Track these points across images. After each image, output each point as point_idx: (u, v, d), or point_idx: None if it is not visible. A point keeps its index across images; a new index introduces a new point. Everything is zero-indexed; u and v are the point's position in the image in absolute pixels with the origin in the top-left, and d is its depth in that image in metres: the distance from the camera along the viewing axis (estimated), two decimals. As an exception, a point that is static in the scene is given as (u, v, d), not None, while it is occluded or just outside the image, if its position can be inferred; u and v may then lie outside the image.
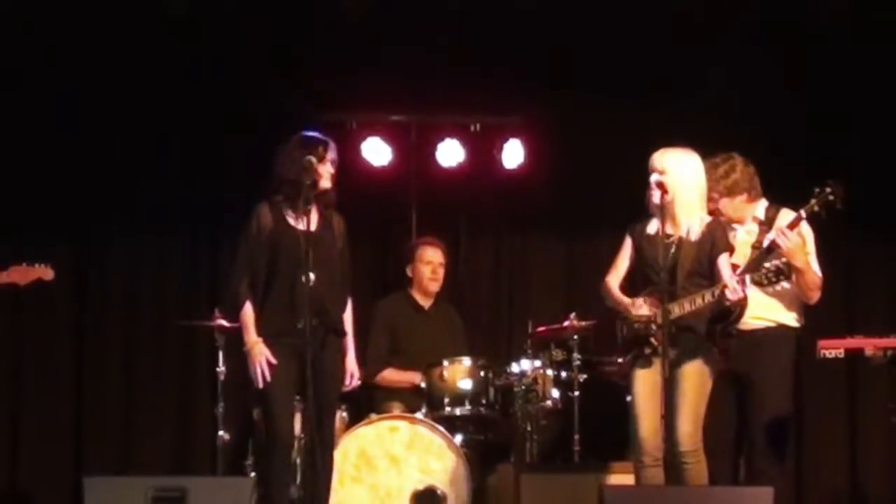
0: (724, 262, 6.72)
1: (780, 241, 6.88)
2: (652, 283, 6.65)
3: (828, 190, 6.91)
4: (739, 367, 7.00)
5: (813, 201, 6.94)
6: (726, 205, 7.08)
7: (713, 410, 6.93)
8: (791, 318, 7.11)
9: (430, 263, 8.26)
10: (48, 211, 8.50)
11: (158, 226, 8.75)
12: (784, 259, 6.71)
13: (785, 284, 6.78)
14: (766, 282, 6.58)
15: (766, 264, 6.64)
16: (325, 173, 6.53)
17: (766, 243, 7.04)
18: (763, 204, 7.20)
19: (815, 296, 7.09)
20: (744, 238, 7.12)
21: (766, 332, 7.03)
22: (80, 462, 8.46)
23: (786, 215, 7.11)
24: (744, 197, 7.11)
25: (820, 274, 7.03)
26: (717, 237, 6.73)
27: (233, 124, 8.60)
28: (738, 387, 7.06)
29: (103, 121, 8.58)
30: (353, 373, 6.67)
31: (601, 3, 8.41)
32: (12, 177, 8.39)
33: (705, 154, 6.92)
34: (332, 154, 6.57)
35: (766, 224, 7.13)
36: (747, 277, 6.57)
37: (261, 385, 6.45)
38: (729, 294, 6.54)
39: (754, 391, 7.04)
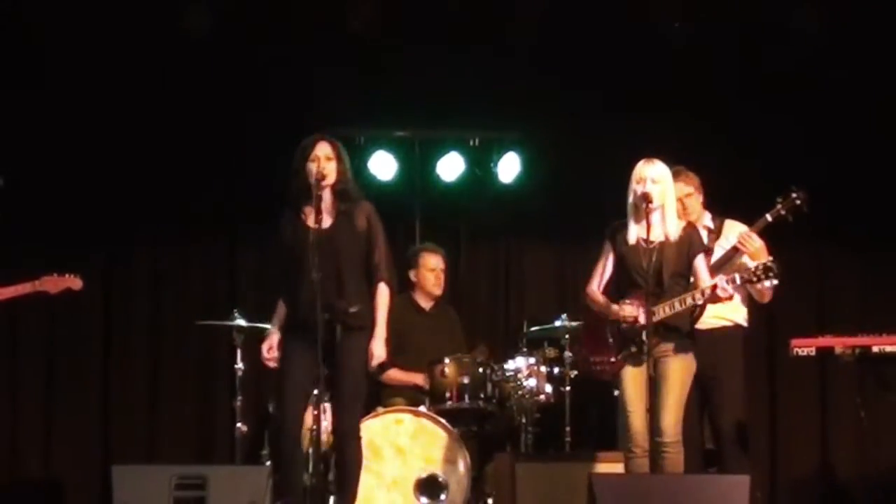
0: (701, 261, 6.75)
1: (745, 244, 6.92)
2: (638, 286, 6.65)
3: (794, 195, 6.95)
4: (703, 363, 6.98)
5: (779, 206, 6.97)
6: (693, 202, 7.09)
7: None
8: (743, 318, 7.18)
9: (434, 270, 8.26)
10: (79, 220, 8.51)
11: (180, 233, 8.77)
12: (771, 259, 6.71)
13: (767, 283, 6.76)
14: (755, 279, 6.57)
15: (754, 263, 6.66)
16: (312, 169, 6.40)
17: (716, 250, 7.07)
18: (708, 214, 7.23)
19: (770, 296, 7.13)
20: None
21: (724, 330, 7.08)
22: (108, 452, 8.47)
23: (730, 225, 7.18)
24: (700, 198, 7.13)
25: None
26: (693, 239, 6.75)
27: (249, 139, 8.61)
28: (701, 383, 7.04)
29: (128, 137, 8.57)
30: (373, 353, 6.45)
31: (592, 29, 8.43)
32: (45, 191, 8.40)
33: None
34: (320, 150, 6.43)
35: (715, 232, 7.17)
36: (737, 276, 6.57)
37: (272, 365, 6.46)
38: (720, 293, 6.55)
39: (720, 387, 7.08)
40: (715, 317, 7.01)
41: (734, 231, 7.14)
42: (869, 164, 8.58)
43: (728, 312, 7.07)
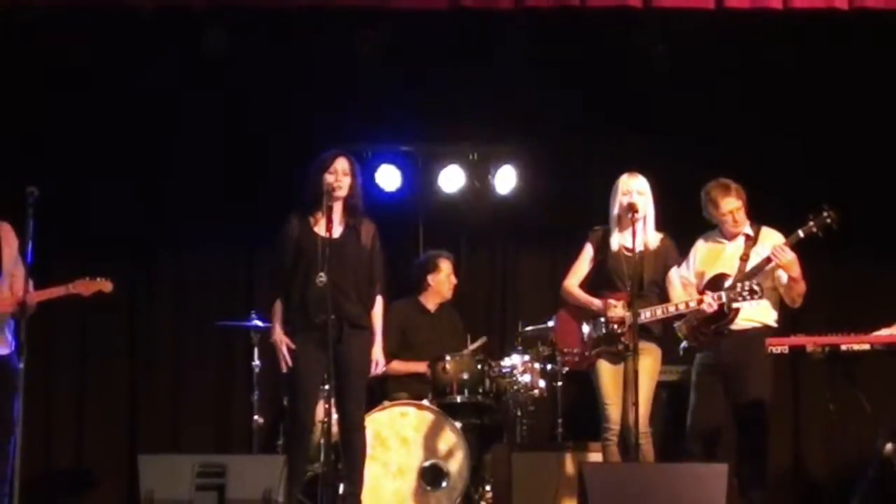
0: (675, 273, 6.83)
1: (778, 256, 6.92)
2: (616, 288, 6.70)
3: (824, 214, 6.96)
4: (731, 361, 7.02)
5: (811, 223, 6.97)
6: (741, 214, 7.13)
7: (703, 396, 7.05)
8: (773, 320, 7.17)
9: (450, 276, 8.30)
10: (108, 229, 8.53)
11: (201, 241, 8.79)
12: (759, 280, 6.77)
13: (750, 303, 6.83)
14: (740, 299, 6.70)
15: (738, 285, 6.73)
16: (331, 181, 6.44)
17: (752, 256, 7.07)
18: (748, 222, 7.24)
19: (801, 302, 7.16)
20: (732, 252, 7.16)
21: (754, 331, 7.06)
22: (135, 442, 8.48)
23: (766, 233, 7.16)
24: (743, 209, 7.17)
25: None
26: (670, 252, 6.83)
27: (265, 153, 8.63)
28: (727, 377, 7.06)
29: (152, 152, 8.60)
30: (377, 361, 6.59)
31: (583, 51, 8.45)
32: (77, 201, 8.41)
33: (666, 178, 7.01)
34: (340, 164, 6.48)
35: (752, 240, 7.17)
36: (723, 294, 6.71)
37: (284, 369, 6.43)
38: (705, 307, 6.71)
39: (745, 382, 7.04)
40: (746, 319, 7.03)
41: (770, 238, 7.11)
42: (842, 178, 8.58)
43: (759, 315, 7.08)
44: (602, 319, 6.76)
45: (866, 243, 8.56)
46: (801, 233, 7.00)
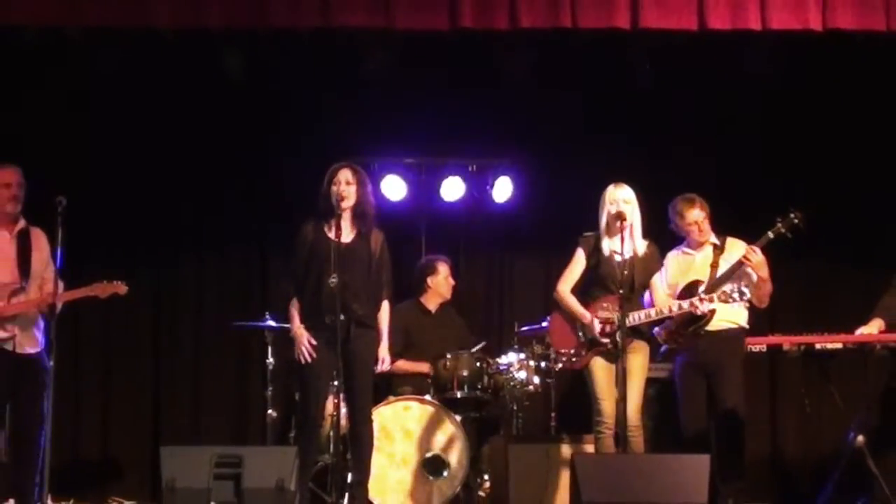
0: (656, 279, 6.85)
1: (749, 257, 6.94)
2: (608, 291, 6.72)
3: (791, 215, 6.98)
4: (709, 359, 7.04)
5: (779, 224, 6.99)
6: (706, 224, 7.14)
7: (690, 397, 7.07)
8: (744, 321, 7.18)
9: (448, 278, 8.32)
10: (133, 234, 8.57)
11: (219, 246, 8.81)
12: (745, 283, 6.80)
13: (737, 304, 6.87)
14: (730, 300, 6.72)
15: (728, 287, 6.74)
16: (336, 191, 6.47)
17: (722, 263, 7.09)
18: (712, 233, 7.26)
19: (767, 302, 7.17)
20: (701, 261, 7.18)
21: (728, 332, 7.08)
22: (157, 434, 8.50)
23: (732, 242, 7.18)
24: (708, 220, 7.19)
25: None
26: (656, 258, 6.83)
27: (280, 164, 8.65)
28: (707, 375, 7.09)
29: (174, 165, 8.63)
30: (383, 359, 6.64)
31: (575, 70, 8.47)
32: (103, 209, 8.44)
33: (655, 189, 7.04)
34: (342, 175, 6.51)
35: (720, 249, 7.19)
36: (715, 297, 6.71)
37: (302, 360, 6.45)
38: (700, 309, 6.74)
39: (722, 379, 7.06)
40: (721, 320, 7.06)
41: (735, 246, 7.13)
42: (818, 183, 8.60)
43: (732, 316, 7.10)
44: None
45: (838, 246, 8.59)
46: (770, 234, 7.02)
